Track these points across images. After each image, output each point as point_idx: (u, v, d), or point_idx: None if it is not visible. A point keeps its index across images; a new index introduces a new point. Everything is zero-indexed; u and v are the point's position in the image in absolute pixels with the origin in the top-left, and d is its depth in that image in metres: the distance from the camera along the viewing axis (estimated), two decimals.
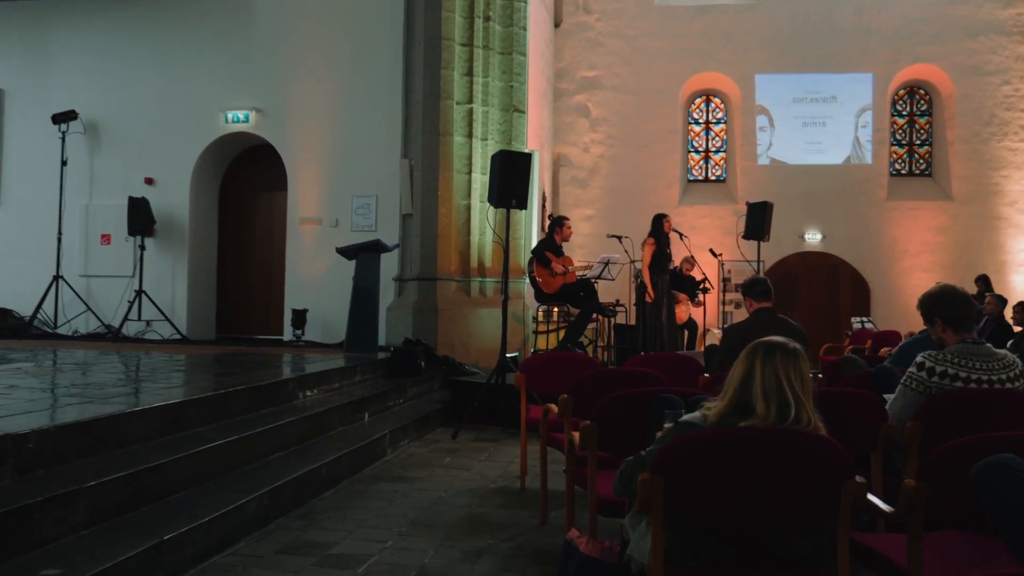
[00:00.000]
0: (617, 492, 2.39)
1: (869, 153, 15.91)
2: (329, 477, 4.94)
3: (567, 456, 3.75)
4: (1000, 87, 15.57)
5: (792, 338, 4.99)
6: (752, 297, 5.16)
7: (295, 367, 7.18)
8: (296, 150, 10.44)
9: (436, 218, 9.52)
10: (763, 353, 2.37)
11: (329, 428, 5.80)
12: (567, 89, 16.32)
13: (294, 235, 10.49)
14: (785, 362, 2.32)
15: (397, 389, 7.39)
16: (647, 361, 5.04)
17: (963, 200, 15.55)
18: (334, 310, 9.72)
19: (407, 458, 6.00)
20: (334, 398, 6.35)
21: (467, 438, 6.84)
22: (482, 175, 9.76)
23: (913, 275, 15.63)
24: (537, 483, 5.14)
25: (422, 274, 9.52)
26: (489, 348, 9.54)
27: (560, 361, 5.08)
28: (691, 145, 16.80)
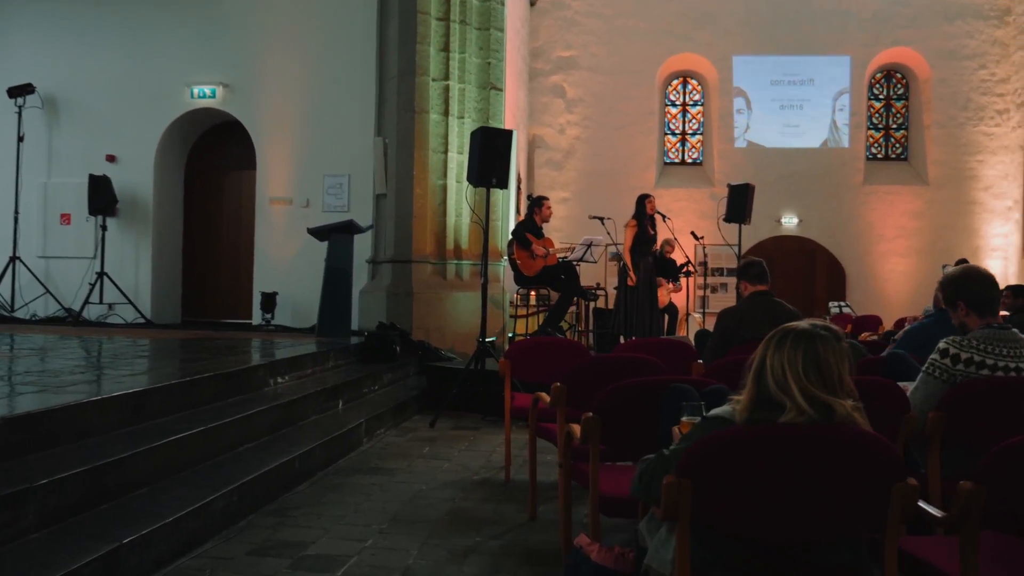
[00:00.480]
0: (635, 494, 2.15)
1: (846, 137, 15.81)
2: (303, 469, 4.66)
3: (561, 450, 3.50)
4: (976, 71, 15.52)
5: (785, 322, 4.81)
6: (747, 280, 4.95)
7: (265, 352, 6.88)
8: (265, 127, 10.06)
9: (411, 198, 9.21)
10: (777, 340, 2.11)
11: (302, 417, 5.52)
12: (543, 69, 16.02)
13: (263, 215, 10.13)
14: (804, 349, 2.05)
15: (372, 375, 7.11)
16: (637, 347, 4.81)
17: (939, 185, 15.51)
18: (305, 293, 9.40)
19: (384, 448, 5.73)
20: (307, 385, 6.06)
21: (445, 426, 6.59)
22: (458, 154, 9.46)
23: (889, 260, 15.59)
24: (522, 474, 4.92)
25: (396, 256, 9.22)
26: (465, 333, 9.28)
27: (546, 347, 4.83)
28: (668, 127, 16.59)
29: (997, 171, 15.42)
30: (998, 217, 15.41)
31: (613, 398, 2.77)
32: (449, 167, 9.40)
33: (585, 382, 3.61)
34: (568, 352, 4.78)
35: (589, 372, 3.63)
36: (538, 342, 4.88)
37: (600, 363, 3.62)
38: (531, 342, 4.87)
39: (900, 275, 15.59)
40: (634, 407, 2.77)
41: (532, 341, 4.88)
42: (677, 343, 4.86)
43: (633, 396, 2.78)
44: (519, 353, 4.81)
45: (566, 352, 4.78)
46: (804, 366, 1.99)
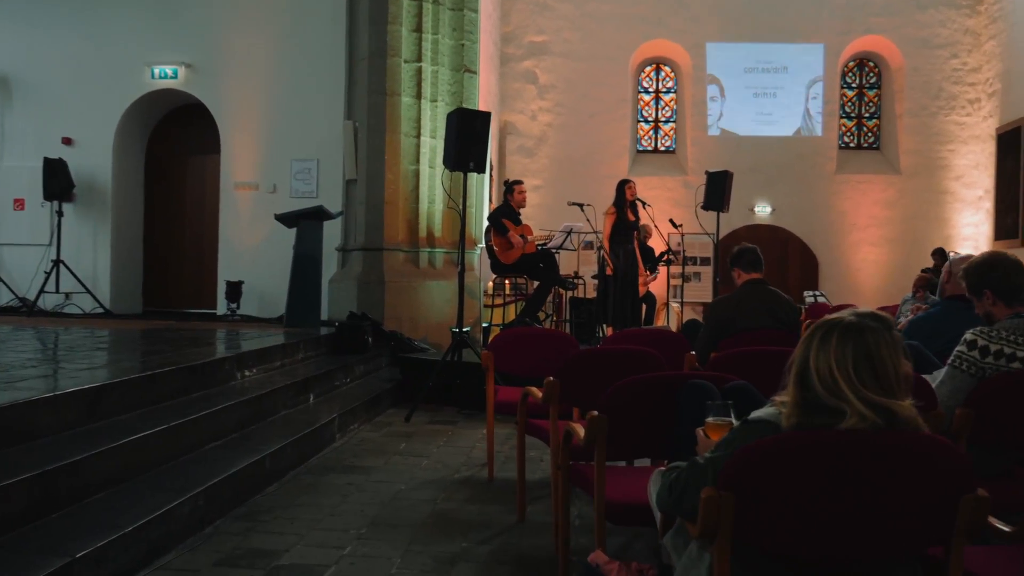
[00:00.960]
0: (662, 507, 1.91)
1: (819, 125, 15.71)
2: (273, 469, 4.38)
3: (556, 450, 3.26)
4: (948, 60, 15.48)
5: (782, 312, 4.60)
6: (740, 267, 4.73)
7: (231, 344, 6.56)
8: (230, 109, 9.67)
9: (382, 184, 8.90)
10: (820, 337, 1.84)
11: (271, 412, 5.22)
12: (514, 54, 15.72)
13: (228, 201, 9.75)
14: (854, 346, 1.78)
15: (344, 368, 6.81)
16: (627, 338, 4.58)
17: (911, 174, 15.47)
18: (272, 282, 9.06)
19: (358, 444, 5.45)
20: (276, 378, 5.76)
21: (421, 420, 6.32)
22: (431, 139, 9.18)
23: (861, 249, 15.55)
24: (506, 472, 4.69)
25: (367, 244, 8.91)
26: (438, 322, 9.02)
27: (532, 339, 4.59)
28: (641, 115, 16.38)
29: (968, 160, 15.41)
30: (969, 207, 15.41)
31: (620, 395, 2.53)
32: (422, 152, 9.10)
33: (580, 377, 3.38)
34: (556, 344, 4.54)
35: (584, 366, 3.39)
36: (523, 333, 4.64)
37: (595, 356, 3.39)
38: (516, 333, 4.62)
39: (872, 264, 15.56)
40: (642, 405, 2.53)
41: (517, 332, 4.63)
42: (668, 334, 4.64)
43: (642, 393, 2.53)
44: (503, 345, 4.55)
45: (553, 344, 4.54)
46: (855, 366, 1.74)
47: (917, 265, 15.35)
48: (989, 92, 15.12)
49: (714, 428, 2.02)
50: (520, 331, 4.64)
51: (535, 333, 4.60)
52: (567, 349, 4.52)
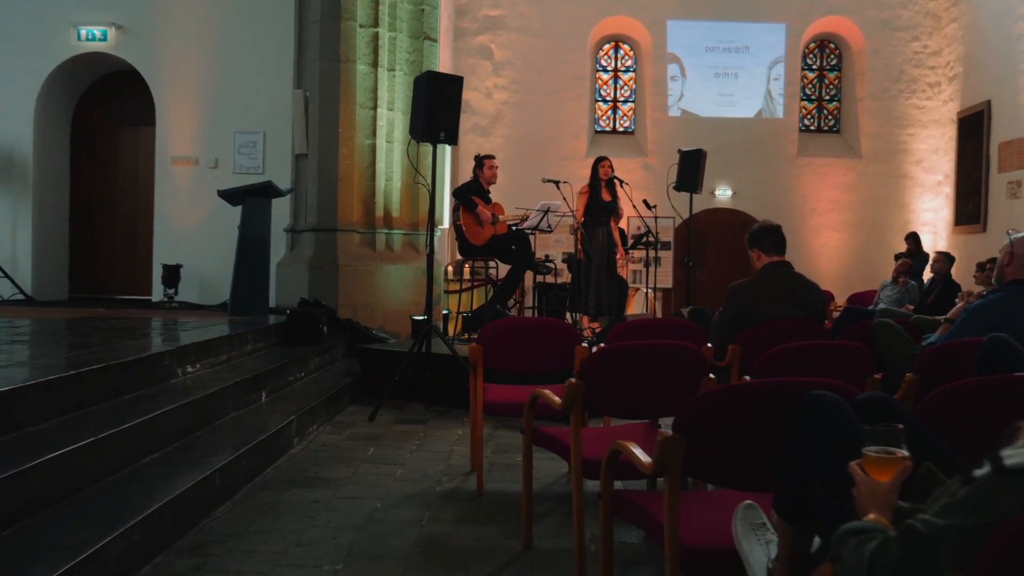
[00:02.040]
0: None
1: (780, 107, 15.36)
2: (224, 486, 3.69)
3: (579, 469, 2.67)
4: (909, 43, 15.25)
5: (810, 299, 4.06)
6: (761, 248, 4.20)
7: (169, 335, 5.82)
8: (166, 76, 8.83)
9: (336, 159, 8.18)
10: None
11: (219, 415, 4.53)
12: (469, 28, 15.02)
13: (164, 177, 8.93)
14: None
15: (298, 361, 6.12)
16: (636, 329, 4.00)
17: (871, 158, 15.23)
18: (214, 265, 8.31)
19: (320, 450, 4.78)
20: (222, 375, 5.06)
21: (387, 419, 5.68)
22: (389, 111, 8.48)
23: (821, 234, 15.28)
24: (495, 482, 4.09)
25: (319, 224, 8.19)
26: (397, 309, 8.36)
27: (527, 330, 3.98)
28: (599, 94, 15.84)
29: (928, 145, 15.22)
30: (928, 191, 15.24)
31: (703, 408, 1.93)
32: (379, 125, 8.40)
33: (605, 378, 2.78)
34: (556, 336, 3.93)
35: (610, 365, 2.79)
36: (517, 324, 4.03)
37: (623, 354, 2.79)
38: (508, 323, 4.01)
39: (832, 249, 15.31)
40: (731, 422, 1.94)
41: (509, 322, 4.02)
42: (683, 324, 4.07)
43: (732, 405, 1.95)
44: (493, 337, 3.93)
45: (553, 336, 3.94)
46: None
47: (877, 250, 15.16)
48: (950, 76, 14.93)
49: (879, 464, 1.44)
50: (513, 321, 4.03)
51: (531, 324, 4.00)
52: (570, 342, 3.92)
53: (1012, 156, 12.88)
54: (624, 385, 2.77)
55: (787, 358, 2.87)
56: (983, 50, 13.71)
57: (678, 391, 2.84)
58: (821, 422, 1.66)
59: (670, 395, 2.84)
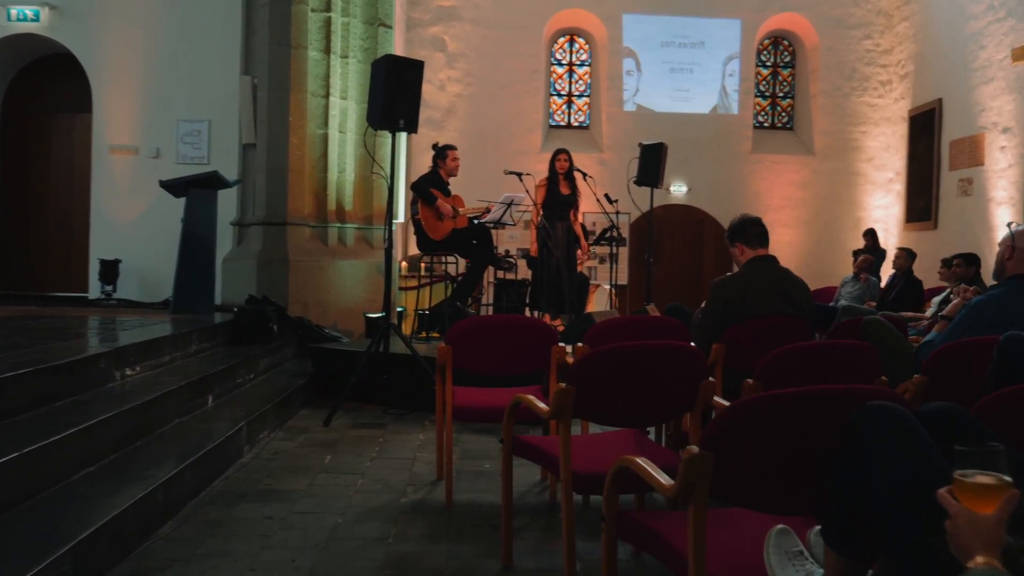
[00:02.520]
0: None
1: (735, 103, 15.29)
2: (168, 502, 3.35)
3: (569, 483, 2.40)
4: (862, 41, 15.30)
5: (796, 295, 3.85)
6: (743, 242, 3.97)
7: (107, 336, 5.41)
8: (105, 60, 8.36)
9: (286, 150, 7.80)
10: None
11: (161, 423, 4.17)
12: (421, 19, 14.66)
13: (102, 167, 8.45)
14: None
15: (246, 362, 5.75)
16: (614, 329, 3.74)
17: (824, 155, 15.25)
18: (155, 260, 7.89)
19: (273, 458, 4.44)
20: (165, 378, 4.68)
21: (343, 424, 5.35)
22: (341, 99, 8.13)
23: (775, 231, 14.94)
24: (464, 493, 3.79)
25: (268, 218, 7.81)
26: (349, 307, 8.02)
27: (498, 329, 3.69)
28: (553, 88, 15.60)
29: (880, 142, 15.30)
30: (880, 188, 15.31)
31: (735, 421, 1.67)
32: (331, 114, 8.04)
33: (596, 382, 2.51)
34: (528, 335, 3.66)
35: (602, 368, 2.52)
36: (489, 322, 3.73)
37: (618, 356, 2.52)
38: (478, 322, 3.72)
39: (786, 246, 15.26)
40: (768, 436, 1.68)
41: (480, 321, 3.72)
42: (666, 323, 3.83)
43: (770, 417, 1.68)
44: (462, 336, 3.64)
45: (526, 335, 3.66)
46: None
47: (829, 247, 15.19)
48: (901, 74, 15.01)
49: (980, 492, 1.19)
50: (484, 320, 3.74)
51: (503, 322, 3.71)
52: (545, 342, 3.65)
53: (963, 154, 12.97)
54: (618, 390, 2.51)
55: (794, 360, 2.64)
56: (934, 49, 13.80)
57: (676, 396, 2.59)
58: (887, 438, 1.41)
59: (667, 401, 2.59)
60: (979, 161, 12.47)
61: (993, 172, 12.15)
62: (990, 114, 12.26)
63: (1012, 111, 11.74)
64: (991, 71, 12.27)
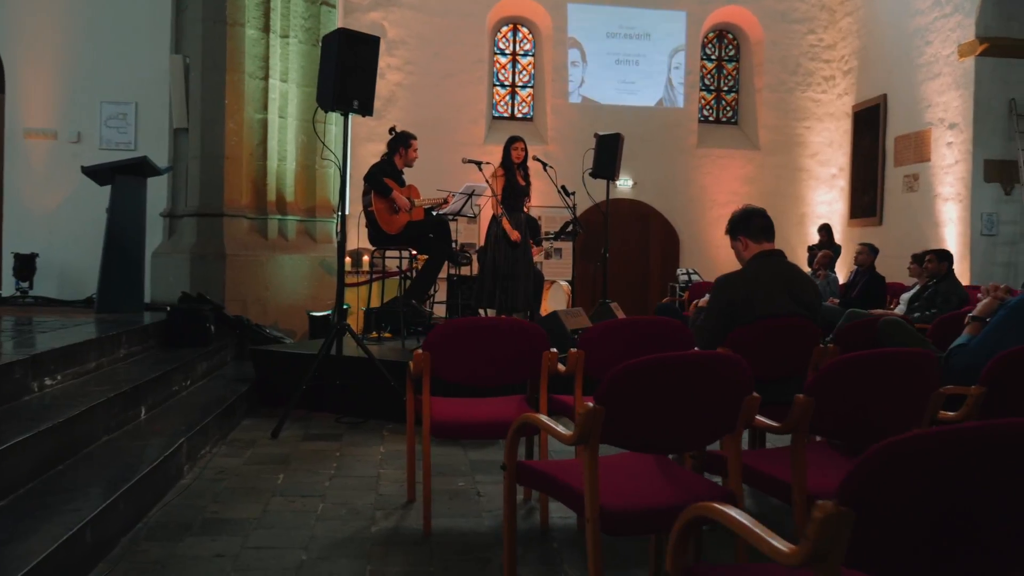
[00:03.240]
0: None
1: (681, 96, 15.09)
2: (97, 542, 2.83)
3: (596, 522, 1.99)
4: (805, 36, 15.26)
5: (806, 294, 3.51)
6: (748, 235, 3.60)
7: (22, 339, 4.79)
8: (19, 36, 7.64)
9: (222, 135, 7.21)
10: None
11: (87, 440, 3.62)
12: (360, 4, 14.08)
13: (16, 153, 7.74)
14: None
15: (183, 366, 5.19)
16: (613, 333, 3.34)
17: (769, 150, 15.17)
18: (77, 254, 7.24)
19: (218, 479, 3.92)
20: (91, 388, 4.12)
21: (293, 436, 4.84)
22: (282, 82, 7.57)
23: (720, 226, 14.90)
24: (444, 520, 3.36)
25: (203, 208, 7.21)
26: (291, 305, 7.49)
27: (482, 333, 3.25)
28: (496, 78, 15.17)
29: (823, 138, 15.29)
30: (823, 184, 15.30)
31: (891, 470, 1.26)
32: (270, 97, 7.48)
33: (629, 401, 2.10)
34: (517, 340, 3.23)
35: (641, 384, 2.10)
36: (470, 325, 3.28)
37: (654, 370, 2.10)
38: (459, 325, 3.26)
39: None
40: (935, 486, 1.27)
41: (461, 324, 3.26)
42: (674, 326, 3.44)
43: (937, 459, 1.26)
44: (444, 341, 3.19)
45: (514, 340, 3.23)
46: None
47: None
48: (844, 69, 15.01)
49: None
50: (465, 323, 3.29)
51: (491, 326, 3.27)
52: (536, 347, 3.23)
53: (908, 150, 12.98)
54: (656, 410, 2.10)
55: (851, 371, 2.27)
56: (878, 44, 13.80)
57: (719, 415, 2.19)
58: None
59: (710, 421, 2.19)
60: (925, 157, 12.49)
61: (940, 168, 12.16)
62: (936, 110, 12.27)
63: (959, 107, 11.75)
64: (937, 67, 12.28)
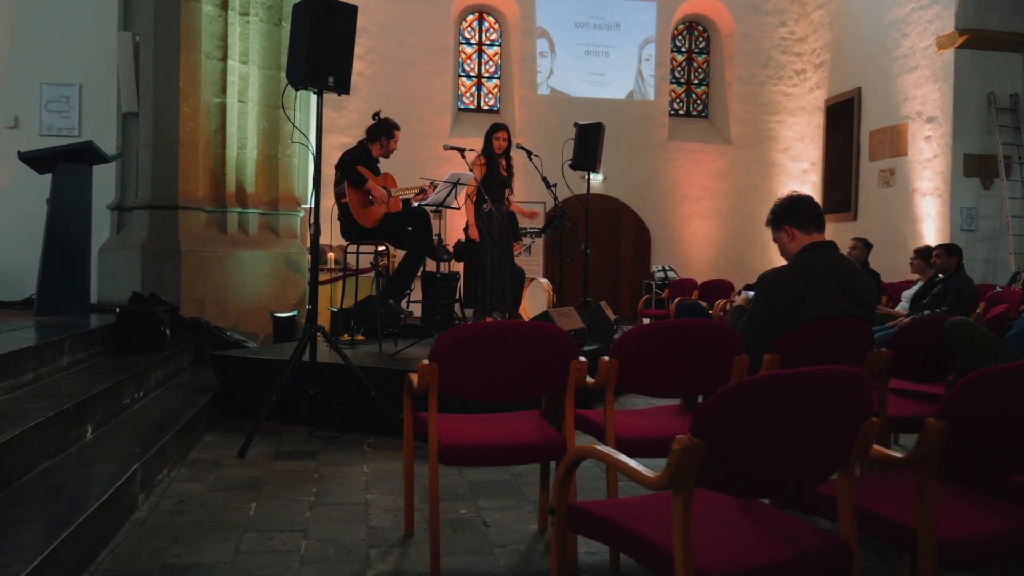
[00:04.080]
0: None
1: (652, 89, 14.71)
2: None
3: None
4: (777, 28, 14.98)
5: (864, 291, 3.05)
6: (795, 226, 3.17)
7: None
8: None
9: (176, 120, 6.61)
10: None
11: (24, 468, 3.05)
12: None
13: None
14: None
15: (136, 376, 4.60)
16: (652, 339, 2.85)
17: (741, 144, 14.86)
18: (13, 250, 6.59)
19: (179, 511, 3.36)
20: (28, 404, 3.53)
21: (262, 454, 4.29)
22: (242, 64, 6.99)
23: (692, 222, 14.77)
24: (452, 559, 2.85)
25: (155, 200, 6.60)
26: (253, 305, 6.92)
27: (500, 339, 2.73)
28: (462, 69, 14.64)
29: (795, 132, 15.03)
30: (795, 179, 15.03)
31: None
32: (229, 80, 6.89)
33: (736, 433, 1.62)
34: (543, 348, 2.73)
35: (756, 411, 1.62)
36: (488, 331, 2.74)
37: (768, 390, 1.62)
38: (474, 331, 2.72)
39: (703, 238, 14.84)
40: None
41: (475, 330, 2.73)
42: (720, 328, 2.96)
43: None
44: (456, 350, 2.67)
45: (540, 348, 2.72)
46: None
47: (746, 239, 14.79)
48: (816, 63, 14.76)
49: None
50: (478, 329, 2.77)
51: (508, 331, 2.75)
52: (563, 356, 2.74)
53: (884, 144, 12.74)
54: (770, 444, 1.62)
55: (1004, 387, 1.81)
56: (852, 36, 13.55)
57: (836, 446, 1.72)
58: None
59: (826, 454, 1.72)
60: (902, 151, 12.25)
61: (917, 162, 11.92)
62: (914, 103, 12.03)
63: (937, 100, 11.52)
64: (914, 59, 12.04)
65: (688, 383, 2.91)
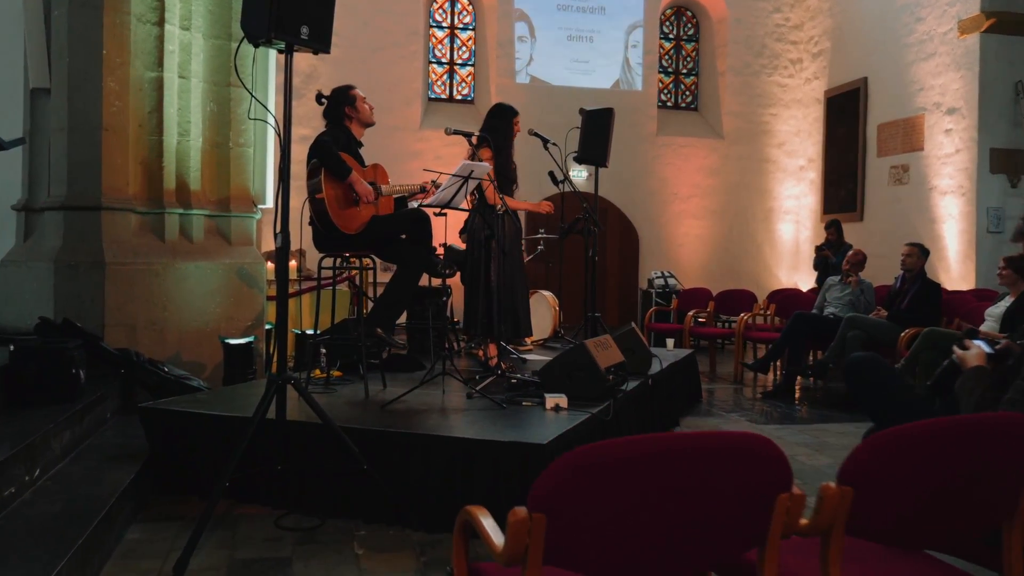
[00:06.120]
0: None
1: (639, 78, 13.56)
2: None
3: None
4: (771, 15, 13.94)
5: None
6: None
7: None
8: None
9: (98, 98, 5.22)
10: None
11: None
12: None
13: None
14: None
15: (31, 448, 3.24)
16: (927, 441, 1.63)
17: (734, 139, 13.80)
18: None
19: None
20: None
21: (210, 564, 2.97)
22: (183, 30, 5.63)
23: (683, 222, 13.65)
24: None
25: (73, 199, 5.20)
26: (199, 329, 5.57)
27: (650, 466, 1.44)
28: (432, 55, 13.34)
29: (790, 126, 14.01)
30: (791, 176, 14.03)
31: None
32: (167, 50, 5.51)
33: None
34: (734, 474, 1.48)
35: None
36: (630, 456, 1.49)
37: None
38: (611, 453, 1.46)
39: (694, 239, 13.74)
40: None
41: (613, 451, 1.46)
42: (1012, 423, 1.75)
43: None
44: (577, 491, 1.41)
45: (727, 476, 1.47)
46: None
47: (740, 240, 13.70)
48: (813, 52, 13.74)
49: None
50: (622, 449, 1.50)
51: (660, 451, 1.46)
52: (768, 493, 1.47)
53: (895, 139, 11.73)
54: None
55: None
56: (855, 23, 12.54)
57: None
58: None
59: None
60: (917, 146, 11.22)
61: (935, 158, 10.91)
62: (931, 93, 11.01)
63: (959, 90, 10.51)
64: (931, 45, 11.02)
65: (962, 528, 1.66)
